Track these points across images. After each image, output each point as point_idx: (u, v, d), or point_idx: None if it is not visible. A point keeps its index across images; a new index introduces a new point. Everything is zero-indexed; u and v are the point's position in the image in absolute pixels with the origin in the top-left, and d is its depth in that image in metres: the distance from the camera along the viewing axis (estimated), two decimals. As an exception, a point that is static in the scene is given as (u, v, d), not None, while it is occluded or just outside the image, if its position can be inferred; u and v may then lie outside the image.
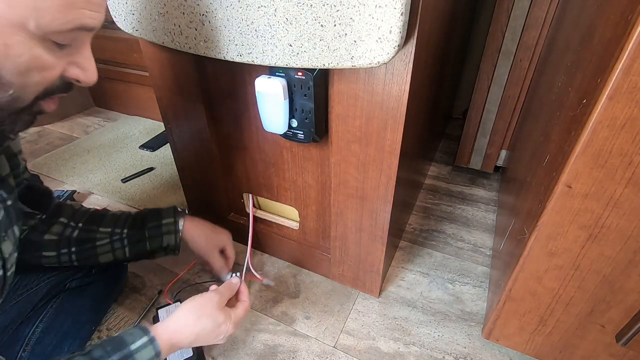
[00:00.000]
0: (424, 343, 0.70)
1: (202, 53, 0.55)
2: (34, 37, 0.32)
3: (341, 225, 0.72)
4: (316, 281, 0.83)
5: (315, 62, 0.48)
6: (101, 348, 0.45)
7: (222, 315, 0.55)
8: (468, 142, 1.12)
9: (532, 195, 0.56)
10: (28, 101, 0.36)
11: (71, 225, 0.65)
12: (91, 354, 0.44)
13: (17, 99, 0.35)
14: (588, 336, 0.55)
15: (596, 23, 0.48)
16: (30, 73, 0.34)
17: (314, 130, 0.58)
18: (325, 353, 0.69)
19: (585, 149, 0.40)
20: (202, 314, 0.54)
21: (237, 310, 0.59)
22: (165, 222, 0.69)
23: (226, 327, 0.55)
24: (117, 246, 0.67)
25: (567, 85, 0.53)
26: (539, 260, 0.51)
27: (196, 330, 0.52)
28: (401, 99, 0.51)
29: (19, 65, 0.33)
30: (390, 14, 0.41)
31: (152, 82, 0.73)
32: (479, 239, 0.95)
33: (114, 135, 1.42)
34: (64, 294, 0.67)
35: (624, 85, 0.36)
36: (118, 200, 1.08)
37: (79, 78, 0.39)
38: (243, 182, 0.80)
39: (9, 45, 0.31)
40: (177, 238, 0.69)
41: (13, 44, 0.31)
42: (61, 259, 0.65)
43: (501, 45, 0.94)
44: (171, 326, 0.51)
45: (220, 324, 0.54)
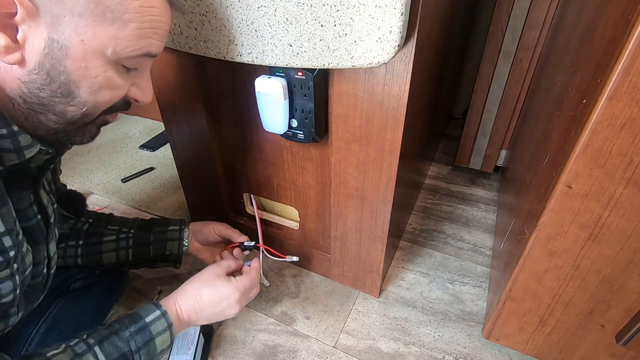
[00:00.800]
0: (424, 343, 0.70)
1: (202, 53, 0.55)
2: (109, 61, 0.37)
3: (341, 225, 0.72)
4: (316, 281, 0.83)
5: (315, 62, 0.48)
6: (119, 322, 0.49)
7: (223, 283, 0.57)
8: (468, 142, 1.12)
9: (532, 195, 0.56)
10: (95, 116, 0.41)
11: (82, 221, 0.69)
12: (111, 327, 0.48)
13: (88, 115, 0.40)
14: (588, 336, 0.55)
15: (596, 23, 0.48)
16: (102, 92, 0.39)
17: (314, 130, 0.58)
18: (325, 353, 0.69)
19: (585, 149, 0.40)
20: (203, 284, 0.57)
21: (241, 278, 0.60)
22: (171, 229, 0.71)
23: (229, 292, 0.57)
24: (122, 245, 0.68)
25: (567, 85, 0.53)
26: (539, 260, 0.51)
27: (201, 301, 0.55)
28: (401, 99, 0.51)
29: (93, 85, 0.37)
30: (390, 14, 0.41)
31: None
32: (479, 239, 0.95)
33: (114, 135, 1.42)
34: (68, 295, 0.67)
35: (624, 85, 0.36)
36: (118, 200, 1.08)
37: (138, 98, 0.44)
38: (243, 182, 0.80)
39: (89, 68, 0.36)
40: (181, 247, 0.70)
41: (92, 67, 0.36)
42: (67, 253, 0.66)
43: (501, 45, 0.94)
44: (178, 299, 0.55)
45: (223, 293, 0.56)
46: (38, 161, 0.43)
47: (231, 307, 0.57)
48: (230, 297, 0.57)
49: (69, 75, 0.36)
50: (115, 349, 0.46)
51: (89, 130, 0.42)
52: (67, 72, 0.35)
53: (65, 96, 0.37)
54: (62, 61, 0.35)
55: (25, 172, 0.43)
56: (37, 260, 0.47)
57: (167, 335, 0.51)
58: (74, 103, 0.38)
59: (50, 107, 0.37)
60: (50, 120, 0.38)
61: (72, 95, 0.37)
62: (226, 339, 0.71)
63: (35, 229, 0.46)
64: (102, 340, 0.46)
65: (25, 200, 0.44)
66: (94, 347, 0.45)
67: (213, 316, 0.57)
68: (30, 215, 0.45)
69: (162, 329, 0.50)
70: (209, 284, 0.57)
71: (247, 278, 0.60)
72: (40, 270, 0.48)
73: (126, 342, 0.47)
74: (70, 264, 0.67)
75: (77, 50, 0.35)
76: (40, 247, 0.47)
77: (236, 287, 0.58)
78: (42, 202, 0.47)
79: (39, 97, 0.36)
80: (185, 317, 0.54)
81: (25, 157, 0.38)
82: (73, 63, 0.35)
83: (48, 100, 0.36)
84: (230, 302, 0.57)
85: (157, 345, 0.50)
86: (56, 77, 0.35)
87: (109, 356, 0.45)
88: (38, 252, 0.47)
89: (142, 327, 0.49)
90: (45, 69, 0.35)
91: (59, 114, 0.38)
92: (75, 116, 0.39)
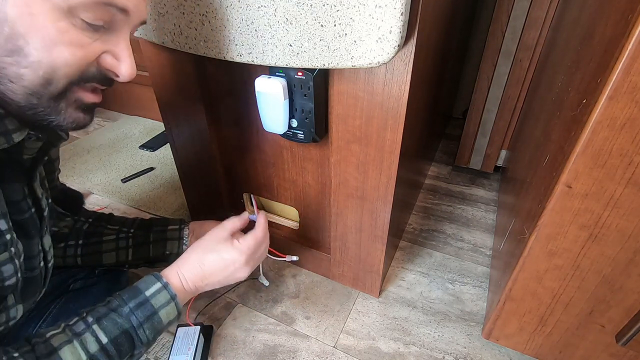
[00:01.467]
0: (424, 343, 0.70)
1: (202, 53, 0.55)
2: (59, 8, 0.32)
3: (341, 225, 0.72)
4: (316, 281, 0.83)
5: (315, 62, 0.48)
6: (118, 297, 0.47)
7: (227, 248, 0.55)
8: (468, 142, 1.12)
9: (532, 195, 0.56)
10: (62, 85, 0.35)
11: (82, 220, 0.68)
12: (110, 303, 0.47)
13: (50, 81, 0.34)
14: (588, 336, 0.55)
15: (596, 23, 0.48)
16: (57, 48, 0.33)
17: (314, 130, 0.58)
18: (325, 353, 0.69)
19: (585, 149, 0.40)
20: (206, 251, 0.55)
21: (245, 239, 0.57)
22: (171, 228, 0.70)
23: (233, 257, 0.55)
24: (121, 245, 0.68)
25: (567, 85, 0.53)
26: (539, 260, 0.51)
27: (205, 269, 0.54)
28: (401, 99, 0.51)
29: (44, 38, 0.32)
30: (390, 14, 0.41)
31: (152, 82, 0.73)
32: (479, 239, 0.95)
33: (114, 135, 1.42)
34: (68, 294, 0.67)
35: (624, 85, 0.36)
36: (118, 200, 1.08)
37: (115, 69, 0.38)
38: (243, 182, 0.80)
39: (35, 15, 0.31)
40: (181, 246, 0.70)
41: (39, 13, 0.31)
42: (66, 253, 0.66)
43: (501, 45, 0.94)
44: (180, 269, 0.53)
45: (227, 258, 0.55)
46: (31, 151, 0.42)
47: (239, 271, 0.56)
48: (236, 262, 0.55)
49: (13, 25, 0.31)
50: (115, 326, 0.45)
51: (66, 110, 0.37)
52: (10, 20, 0.31)
53: (15, 53, 0.32)
54: (2, 7, 0.30)
55: (18, 163, 0.42)
56: (31, 254, 0.46)
57: (172, 307, 0.49)
58: (26, 64, 0.33)
59: (3, 70, 0.32)
60: (9, 90, 0.34)
61: (22, 52, 0.32)
62: (226, 339, 0.71)
63: (29, 222, 0.44)
64: (101, 318, 0.45)
65: (19, 192, 0.42)
66: (92, 325, 0.44)
67: (222, 281, 0.55)
68: (25, 208, 0.43)
69: (165, 301, 0.49)
70: (211, 249, 0.55)
71: (252, 237, 0.58)
72: (36, 264, 0.47)
73: (126, 319, 0.46)
74: (70, 263, 0.67)
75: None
76: (34, 240, 0.46)
77: (240, 250, 0.56)
78: (37, 195, 0.46)
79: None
80: (192, 285, 0.53)
81: (14, 141, 0.36)
82: (14, 8, 0.30)
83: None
84: (237, 267, 0.55)
85: (161, 318, 0.48)
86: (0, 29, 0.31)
87: (110, 333, 0.44)
88: (32, 245, 0.46)
89: (142, 301, 0.48)
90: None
91: (14, 79, 0.33)
92: (33, 82, 0.34)
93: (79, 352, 0.42)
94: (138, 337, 0.46)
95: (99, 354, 0.43)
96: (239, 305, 0.77)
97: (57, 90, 0.35)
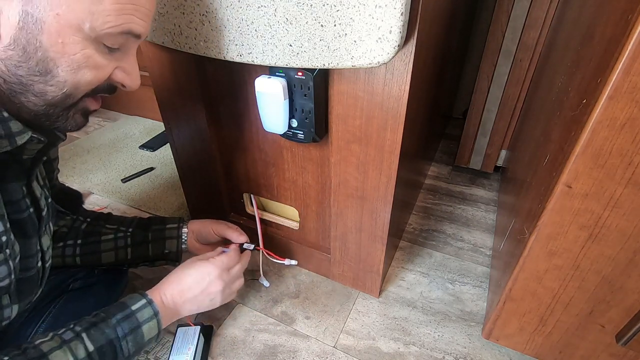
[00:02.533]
0: (424, 343, 0.70)
1: (202, 53, 0.55)
2: (87, 38, 0.36)
3: (341, 225, 0.72)
4: (316, 281, 0.83)
5: (315, 62, 0.48)
6: (106, 311, 0.50)
7: (202, 262, 0.60)
8: (468, 142, 1.12)
9: (532, 195, 0.56)
10: (78, 98, 0.40)
11: (80, 219, 0.69)
12: (98, 315, 0.49)
13: (69, 97, 0.39)
14: (588, 336, 0.55)
15: (596, 23, 0.48)
16: (82, 71, 0.37)
17: (314, 130, 0.58)
18: (325, 353, 0.69)
19: (585, 149, 0.40)
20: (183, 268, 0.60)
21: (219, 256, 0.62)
22: (169, 227, 0.70)
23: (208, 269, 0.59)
24: (120, 244, 0.68)
25: (567, 85, 0.53)
26: (539, 260, 0.51)
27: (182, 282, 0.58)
28: (401, 99, 0.51)
29: (72, 63, 0.36)
30: (390, 14, 0.41)
31: (152, 82, 0.73)
32: (479, 239, 0.95)
33: (114, 135, 1.42)
34: (67, 294, 0.67)
35: (624, 85, 0.36)
36: (118, 200, 1.08)
37: (124, 82, 0.43)
38: (243, 182, 0.80)
39: (66, 44, 0.35)
40: (180, 244, 0.70)
41: (70, 43, 0.35)
42: (65, 253, 0.66)
43: (501, 45, 0.94)
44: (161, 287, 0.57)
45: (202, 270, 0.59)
46: (31, 152, 0.43)
47: (214, 284, 0.59)
48: (211, 273, 0.59)
49: (45, 52, 0.35)
50: (102, 335, 0.47)
51: (73, 116, 0.41)
52: (43, 48, 0.35)
53: (44, 74, 0.36)
54: (37, 36, 0.34)
55: (18, 163, 0.43)
56: (29, 253, 0.46)
57: (154, 324, 0.52)
58: (53, 82, 0.37)
59: (30, 86, 0.36)
60: (31, 102, 0.37)
61: (50, 73, 0.36)
62: (226, 339, 0.71)
63: (28, 222, 0.45)
64: (89, 328, 0.47)
65: (18, 192, 0.43)
66: (81, 334, 0.46)
67: (198, 297, 0.58)
68: (23, 208, 0.44)
69: (148, 316, 0.51)
70: (189, 266, 0.60)
71: (225, 256, 0.63)
72: (33, 264, 0.48)
73: (113, 329, 0.48)
74: (69, 263, 0.67)
75: (52, 24, 0.34)
76: (32, 240, 0.47)
77: (214, 263, 0.60)
78: (35, 195, 0.47)
79: (17, 75, 0.35)
80: (170, 301, 0.55)
81: (17, 144, 0.38)
82: (49, 38, 0.35)
83: (27, 79, 0.36)
84: (211, 278, 0.59)
85: (144, 332, 0.50)
86: (33, 54, 0.35)
87: (96, 342, 0.46)
88: (30, 244, 0.46)
89: (128, 314, 0.50)
90: (21, 44, 0.34)
91: (38, 94, 0.37)
92: (55, 97, 0.38)
93: (68, 357, 0.44)
94: (121, 348, 0.48)
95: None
96: (239, 305, 0.77)
97: (72, 102, 0.40)
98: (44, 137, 0.41)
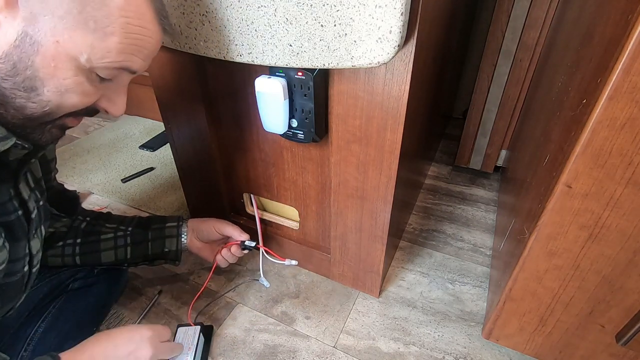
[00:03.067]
0: (424, 343, 0.70)
1: (202, 53, 0.55)
2: (81, 67, 0.37)
3: (341, 225, 0.72)
4: (316, 281, 0.83)
5: (315, 62, 0.48)
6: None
7: (138, 326, 0.54)
8: (468, 142, 1.12)
9: (532, 195, 0.56)
10: (57, 117, 0.40)
11: (79, 219, 0.68)
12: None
13: (48, 114, 0.39)
14: (588, 336, 0.55)
15: (596, 23, 0.48)
16: (68, 95, 0.38)
17: (314, 130, 0.58)
18: (325, 353, 0.69)
19: (585, 149, 0.40)
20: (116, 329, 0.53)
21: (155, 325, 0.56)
22: (169, 226, 0.70)
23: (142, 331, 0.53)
24: (120, 243, 0.68)
25: (567, 85, 0.53)
26: (539, 260, 0.51)
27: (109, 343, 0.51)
28: (401, 99, 0.51)
29: (60, 87, 0.37)
30: (390, 14, 0.41)
31: (152, 82, 0.73)
32: (479, 239, 0.95)
33: (114, 135, 1.42)
34: (67, 294, 0.67)
35: (624, 85, 0.36)
36: (118, 200, 1.08)
37: (108, 109, 0.43)
38: (243, 182, 0.80)
39: (58, 68, 0.36)
40: (179, 243, 0.70)
41: (62, 68, 0.36)
42: (65, 252, 0.66)
43: (501, 45, 0.94)
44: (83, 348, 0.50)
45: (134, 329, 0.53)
46: (16, 155, 0.43)
47: (144, 347, 0.52)
48: (144, 335, 0.53)
49: (35, 72, 0.36)
50: None
51: (49, 130, 0.41)
52: (34, 67, 0.35)
53: (28, 91, 0.36)
54: (31, 56, 0.35)
55: (4, 165, 0.43)
56: (16, 257, 0.46)
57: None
58: (35, 100, 0.37)
59: (11, 99, 0.36)
60: (9, 114, 0.37)
61: (35, 91, 0.37)
62: (226, 339, 0.71)
63: (16, 224, 0.45)
64: None
65: (5, 194, 0.43)
66: None
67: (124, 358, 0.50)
68: (10, 210, 0.44)
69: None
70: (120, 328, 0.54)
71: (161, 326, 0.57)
72: (19, 267, 0.47)
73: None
74: (69, 263, 0.67)
75: (49, 49, 0.35)
76: (21, 243, 0.46)
77: (149, 327, 0.55)
78: (23, 197, 0.46)
79: (1, 87, 0.36)
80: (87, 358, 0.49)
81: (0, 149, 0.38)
82: (42, 60, 0.35)
83: (9, 92, 0.36)
84: (143, 339, 0.52)
85: None
86: (22, 70, 0.35)
87: None
88: (18, 248, 0.46)
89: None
90: (12, 60, 0.35)
91: (18, 108, 0.37)
92: (34, 113, 0.38)
93: None
94: None
95: None
96: (239, 305, 0.77)
97: (50, 119, 0.40)
98: (28, 144, 0.41)
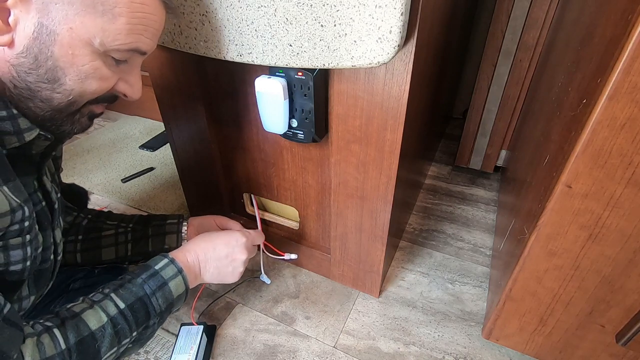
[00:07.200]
0: (424, 343, 0.70)
1: (202, 53, 0.55)
2: (97, 52, 0.39)
3: (341, 225, 0.72)
4: (316, 281, 0.83)
5: (315, 62, 0.48)
6: (131, 273, 0.52)
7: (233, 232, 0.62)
8: (468, 142, 1.12)
9: (532, 195, 0.56)
10: (81, 105, 0.42)
11: (81, 216, 0.69)
12: (124, 277, 0.52)
13: (73, 104, 0.41)
14: (588, 336, 0.55)
15: (596, 23, 0.48)
16: (88, 81, 0.40)
17: (314, 130, 0.58)
18: (325, 353, 0.69)
19: (585, 149, 0.40)
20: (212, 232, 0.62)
21: (249, 230, 0.65)
22: (169, 222, 0.71)
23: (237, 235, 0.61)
24: (120, 239, 0.68)
25: (567, 85, 0.53)
26: (539, 260, 0.51)
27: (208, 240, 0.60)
28: (401, 99, 0.51)
29: (80, 73, 0.39)
30: (390, 14, 0.41)
31: (152, 82, 0.73)
32: (479, 239, 0.95)
33: (114, 135, 1.42)
34: (68, 294, 0.67)
35: (624, 85, 0.36)
36: (118, 200, 1.08)
37: (126, 92, 0.45)
38: (243, 182, 0.80)
39: (76, 55, 0.38)
40: (179, 240, 0.70)
41: (79, 54, 0.38)
42: (66, 249, 0.66)
43: (501, 45, 0.94)
44: (185, 247, 0.59)
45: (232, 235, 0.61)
46: (39, 147, 0.44)
47: (240, 251, 0.60)
48: (239, 240, 0.61)
49: (55, 61, 0.37)
50: (131, 294, 0.49)
51: (78, 120, 0.44)
52: (54, 57, 0.37)
53: (52, 82, 0.38)
54: (50, 47, 0.37)
55: (28, 158, 0.44)
56: (45, 245, 0.48)
57: (180, 280, 0.53)
58: (60, 90, 0.39)
59: (37, 92, 0.38)
60: (38, 107, 0.39)
61: (58, 81, 0.38)
62: (226, 339, 0.71)
63: (41, 214, 0.47)
64: (117, 288, 0.49)
65: (30, 186, 0.45)
66: (110, 294, 0.48)
67: (222, 260, 0.59)
68: (36, 201, 0.46)
69: (173, 273, 0.53)
70: (217, 231, 0.62)
71: (254, 231, 0.67)
72: (48, 256, 0.49)
73: (140, 287, 0.50)
74: (70, 260, 0.67)
75: (65, 37, 0.37)
76: (47, 232, 0.48)
77: (244, 234, 0.62)
78: (46, 189, 0.48)
79: (27, 81, 0.38)
80: (194, 258, 0.57)
81: (25, 140, 0.39)
82: (60, 49, 0.37)
83: (35, 85, 0.38)
84: (240, 245, 0.60)
85: (171, 289, 0.52)
86: (43, 62, 0.37)
87: (126, 300, 0.48)
88: (45, 237, 0.48)
89: (152, 273, 0.52)
90: (33, 53, 0.36)
91: (45, 100, 0.39)
92: (61, 104, 0.40)
93: (100, 314, 0.45)
94: (152, 304, 0.50)
95: (118, 317, 0.46)
96: (239, 305, 0.78)
97: (76, 108, 0.42)
98: (50, 135, 0.43)
